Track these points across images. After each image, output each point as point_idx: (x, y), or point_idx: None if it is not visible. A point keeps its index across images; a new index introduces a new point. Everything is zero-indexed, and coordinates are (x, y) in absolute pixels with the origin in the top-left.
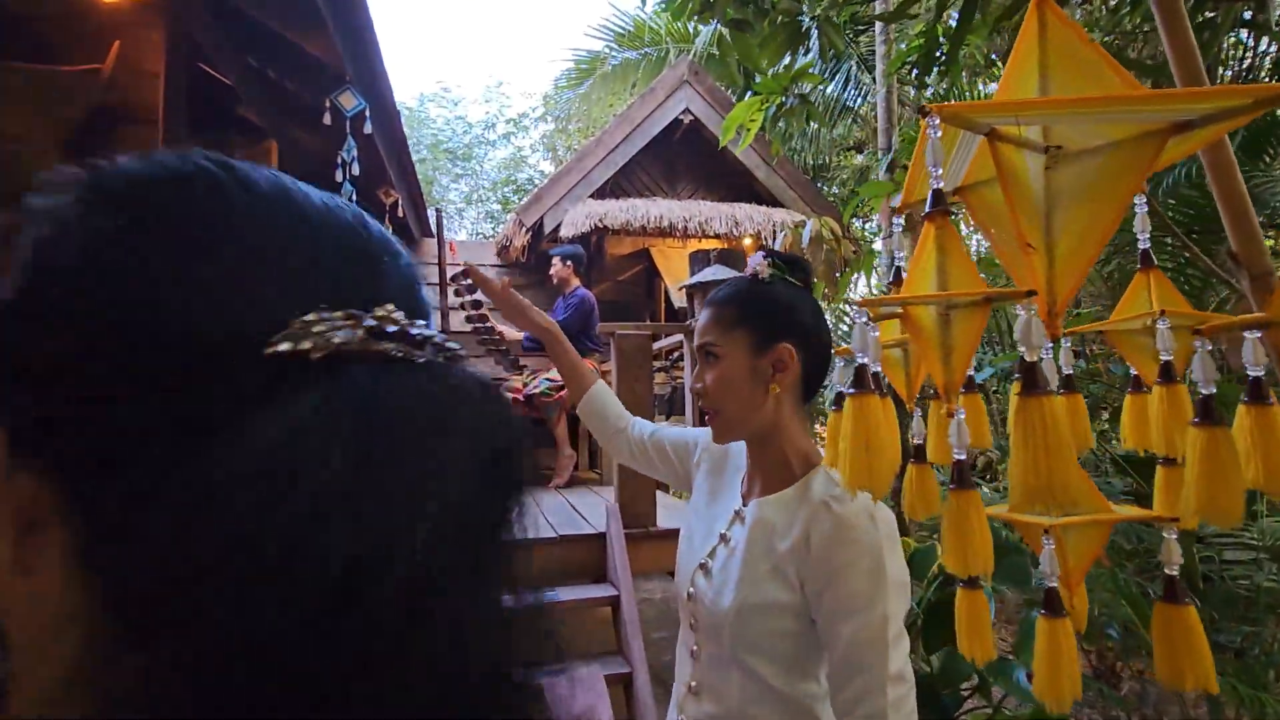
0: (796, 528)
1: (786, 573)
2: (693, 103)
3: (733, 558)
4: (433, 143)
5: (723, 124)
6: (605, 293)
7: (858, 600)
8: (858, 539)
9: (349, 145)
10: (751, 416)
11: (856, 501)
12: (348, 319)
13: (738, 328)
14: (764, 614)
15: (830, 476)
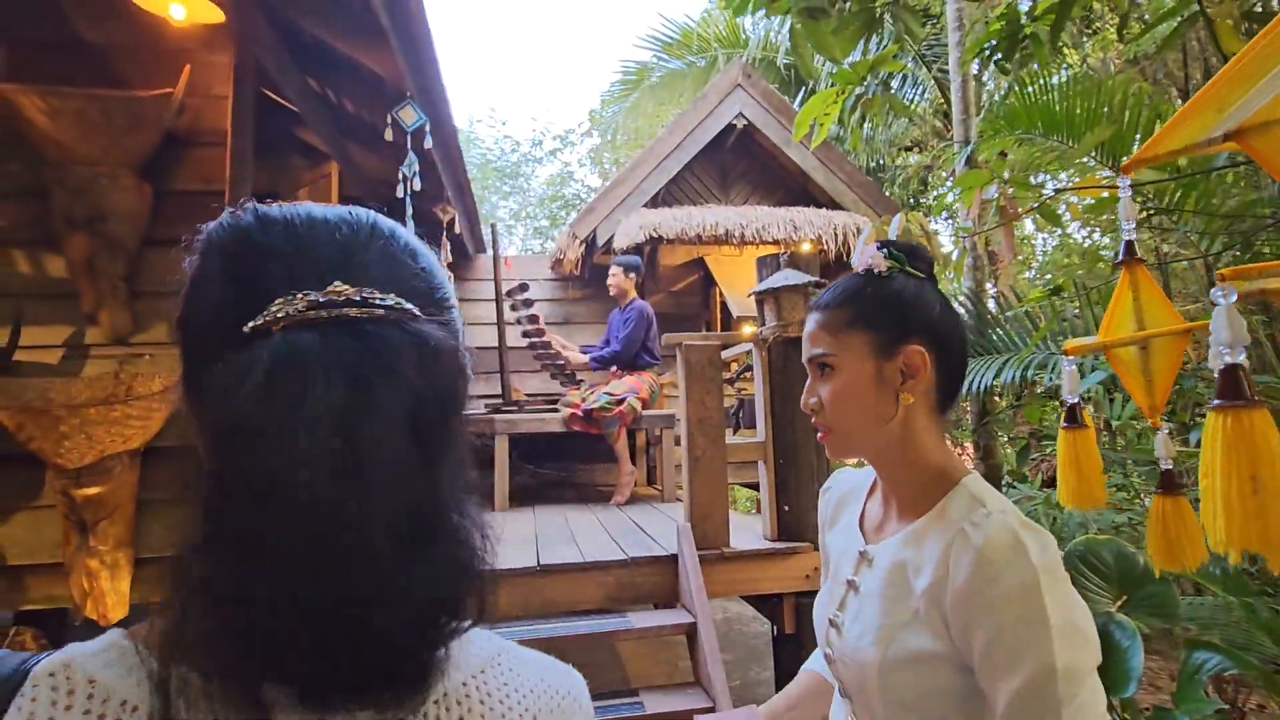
0: (934, 561)
1: (930, 617)
2: (746, 106)
3: (866, 607)
4: (481, 162)
5: (795, 119)
6: (660, 303)
7: (1012, 652)
8: (1000, 574)
9: (410, 160)
10: (878, 433)
11: (1000, 523)
12: (300, 300)
13: (856, 332)
14: (913, 669)
15: (973, 493)
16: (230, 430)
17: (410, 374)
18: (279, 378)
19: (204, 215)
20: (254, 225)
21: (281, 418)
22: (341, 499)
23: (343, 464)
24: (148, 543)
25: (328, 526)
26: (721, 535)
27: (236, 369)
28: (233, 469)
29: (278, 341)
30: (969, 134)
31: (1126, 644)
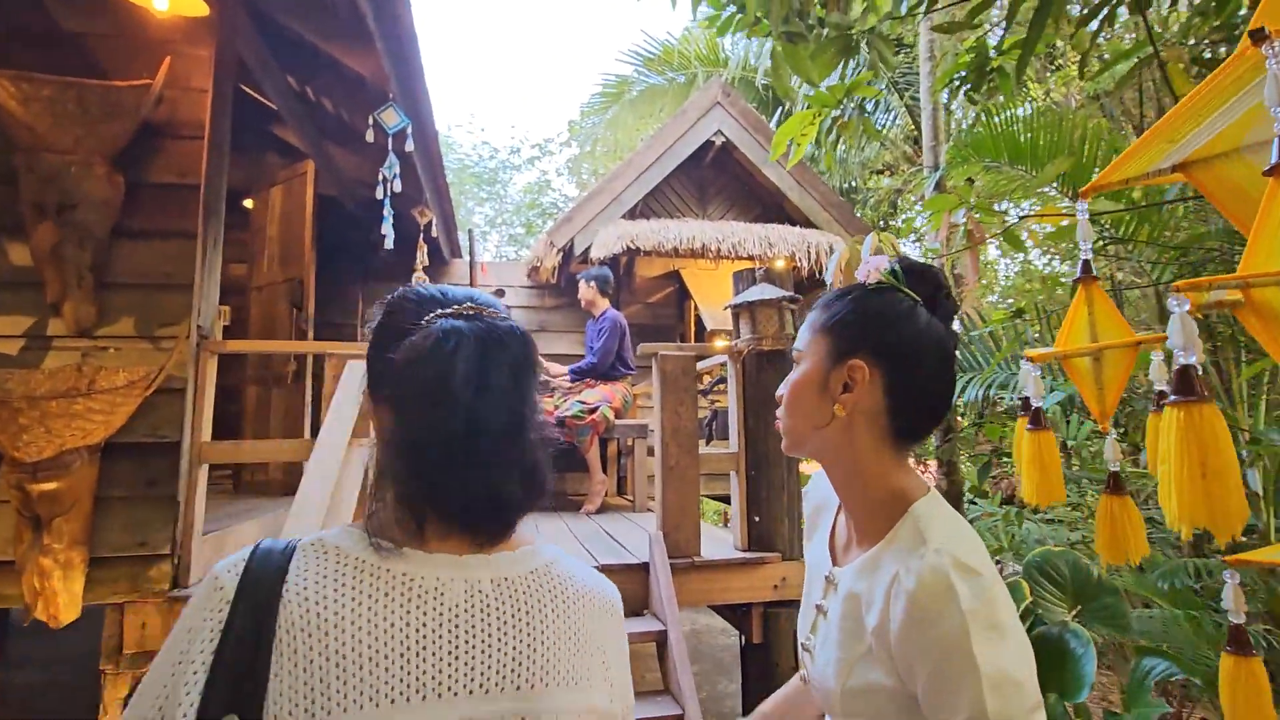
0: (879, 600)
1: (880, 654)
2: (724, 124)
3: (829, 636)
4: (459, 167)
5: (773, 138)
6: (635, 314)
7: (946, 697)
8: (931, 622)
9: (391, 162)
10: (811, 434)
11: (933, 566)
12: (445, 305)
13: (822, 334)
14: (870, 700)
15: (920, 524)
16: (415, 364)
17: (510, 341)
18: (447, 336)
19: (178, 208)
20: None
21: (447, 357)
22: (478, 404)
23: (479, 385)
24: (105, 541)
25: (471, 419)
26: (693, 544)
27: (421, 333)
28: (415, 394)
29: (443, 321)
30: (938, 160)
31: (1080, 652)
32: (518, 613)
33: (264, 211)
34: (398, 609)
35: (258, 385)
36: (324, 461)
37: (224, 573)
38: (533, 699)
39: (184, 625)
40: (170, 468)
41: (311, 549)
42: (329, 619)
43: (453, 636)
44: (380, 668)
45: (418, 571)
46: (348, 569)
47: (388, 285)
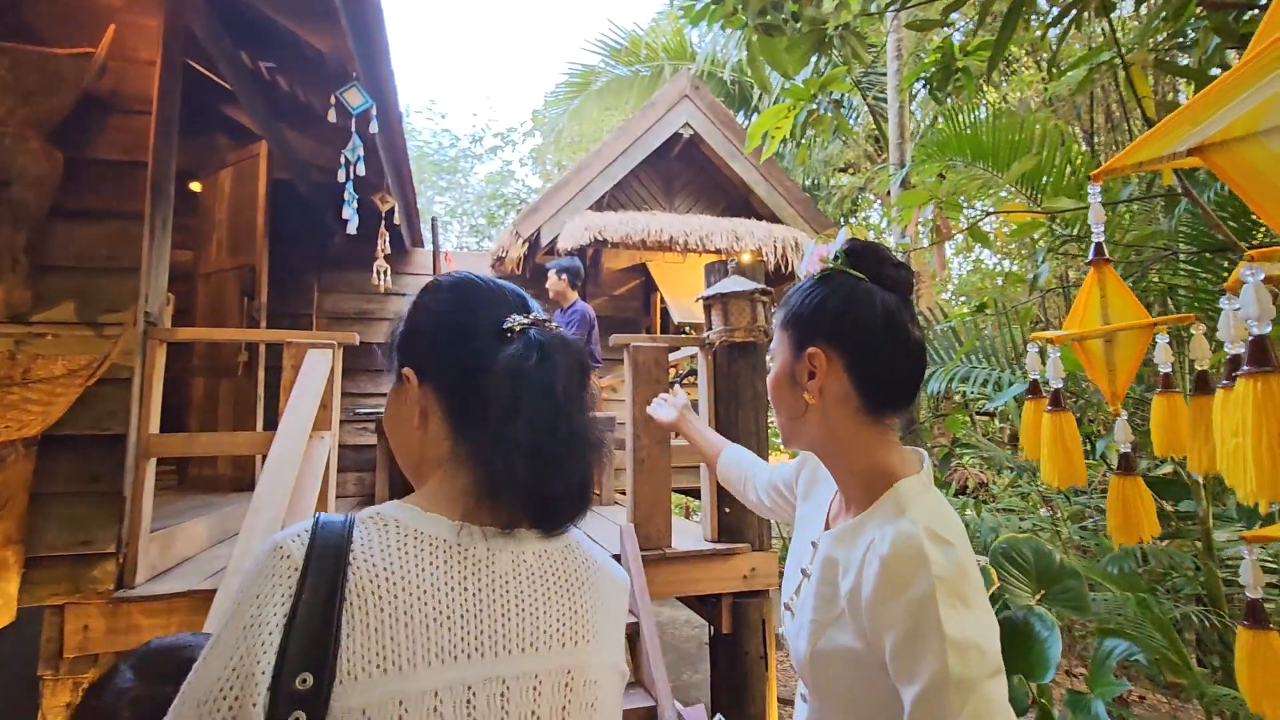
0: (854, 567)
1: (853, 618)
2: (693, 117)
3: (807, 599)
4: (418, 155)
5: (748, 130)
6: (602, 306)
7: (911, 661)
8: (901, 587)
9: (354, 144)
10: (794, 425)
11: (907, 534)
12: (525, 316)
13: (782, 329)
14: (837, 663)
15: (901, 498)
16: (515, 373)
17: (579, 353)
18: (538, 348)
19: (123, 187)
20: (473, 275)
21: (540, 367)
22: (561, 408)
23: (563, 390)
24: (43, 539)
25: (557, 420)
26: (664, 536)
27: (520, 346)
28: (513, 397)
29: (531, 333)
30: (904, 158)
31: (1046, 635)
32: (558, 579)
33: (213, 195)
34: (455, 575)
35: (205, 376)
36: (285, 455)
37: (289, 542)
38: (576, 654)
39: (251, 592)
40: (115, 462)
41: (371, 522)
42: (396, 583)
43: (504, 600)
44: (444, 628)
45: (469, 542)
46: (408, 539)
47: (346, 274)
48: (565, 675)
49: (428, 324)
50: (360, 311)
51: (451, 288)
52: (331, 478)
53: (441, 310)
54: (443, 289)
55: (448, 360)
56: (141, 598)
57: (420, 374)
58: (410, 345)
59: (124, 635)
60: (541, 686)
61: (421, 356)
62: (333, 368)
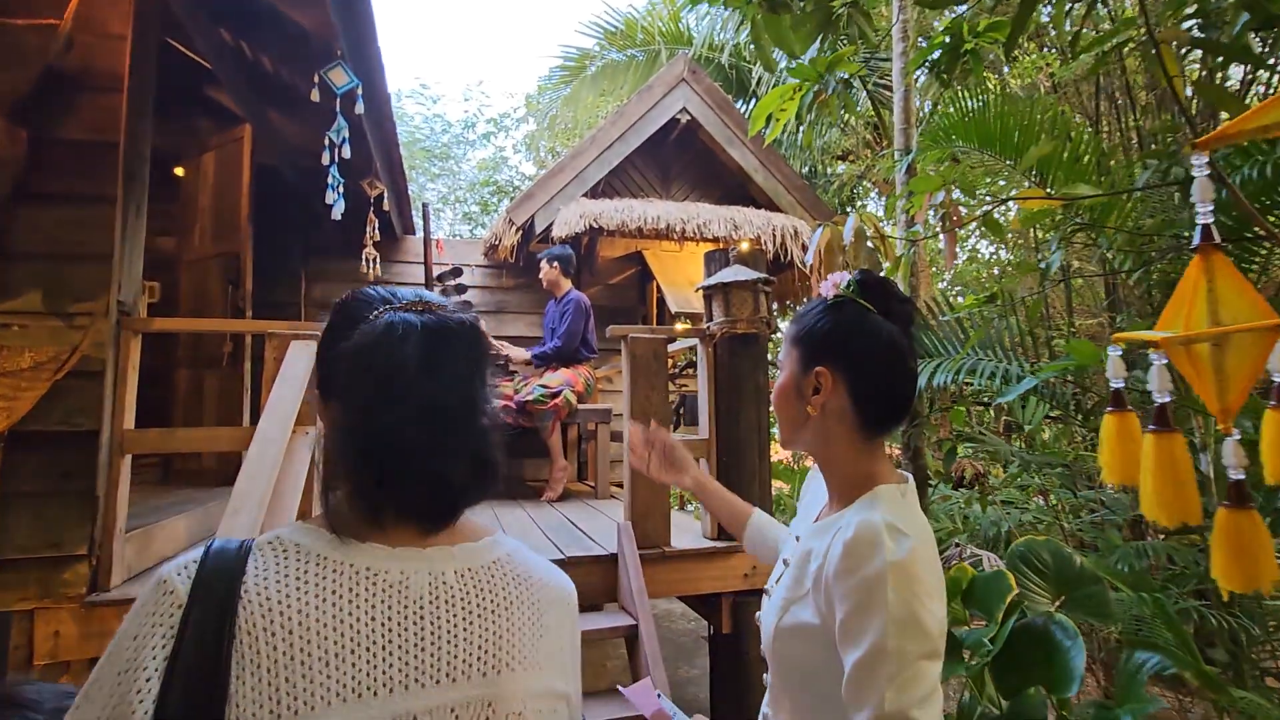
0: (824, 550)
1: (815, 596)
2: (690, 102)
3: (781, 582)
4: (409, 141)
5: (752, 113)
6: (596, 296)
7: (856, 631)
8: (857, 565)
9: (339, 125)
10: (794, 432)
11: (869, 522)
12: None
13: (793, 344)
14: (796, 638)
15: (875, 499)
16: (363, 353)
17: (459, 331)
18: (394, 326)
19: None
20: (368, 288)
21: (395, 344)
22: (427, 391)
23: (427, 371)
24: (11, 541)
25: (421, 405)
26: (662, 534)
27: (369, 325)
28: (364, 382)
29: (391, 314)
30: (910, 143)
31: (1068, 644)
32: (482, 601)
33: (195, 180)
34: (362, 604)
35: (189, 368)
36: (264, 452)
37: (174, 575)
38: (498, 684)
39: (129, 632)
40: (87, 459)
41: (269, 547)
42: (292, 617)
43: (418, 628)
44: (347, 664)
45: (381, 565)
46: (310, 565)
47: (335, 263)
48: (485, 708)
49: (320, 344)
50: None
51: (337, 306)
52: (317, 475)
53: (327, 325)
54: (335, 306)
55: (324, 371)
56: (116, 601)
57: (320, 391)
58: (316, 365)
59: (98, 641)
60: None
61: (319, 375)
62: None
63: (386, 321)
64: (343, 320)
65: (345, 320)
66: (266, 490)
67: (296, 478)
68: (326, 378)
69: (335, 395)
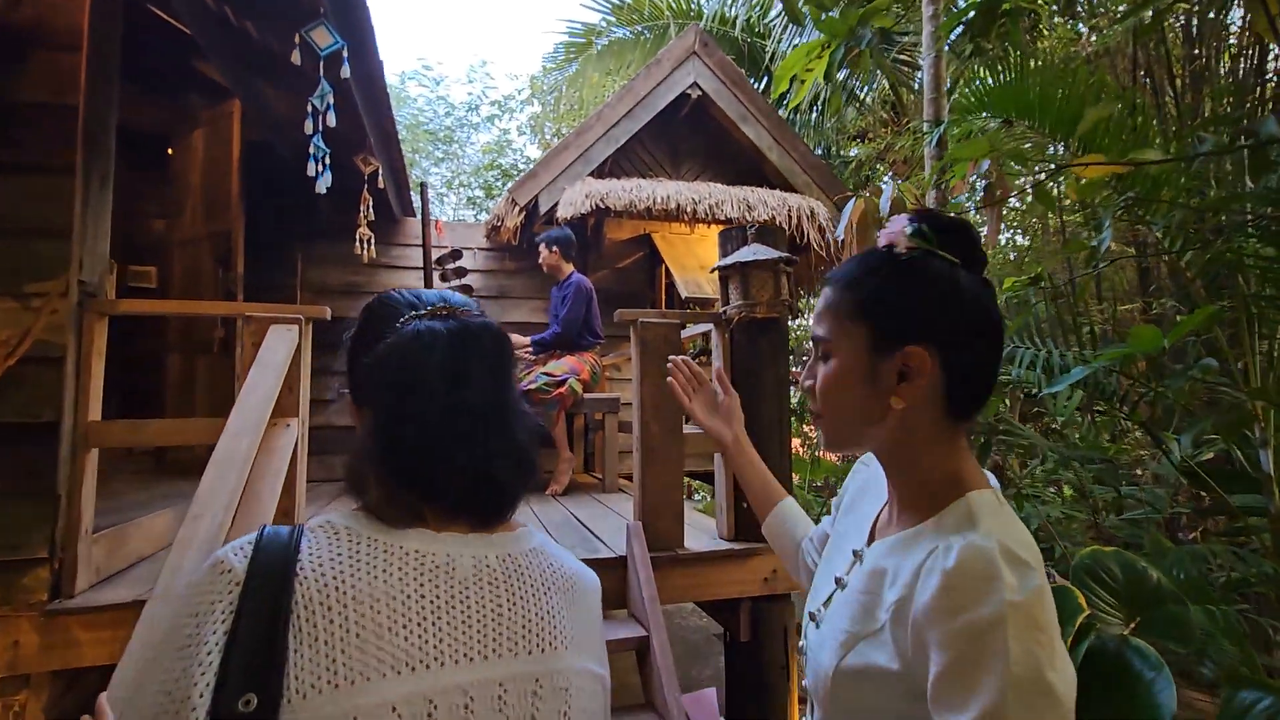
0: (908, 575)
1: (893, 633)
2: (701, 77)
3: (841, 609)
4: (412, 123)
5: (776, 72)
6: (603, 280)
7: (961, 692)
8: (964, 605)
9: (323, 90)
10: (864, 431)
11: (978, 548)
12: (419, 309)
13: (856, 320)
14: (865, 683)
15: (972, 509)
16: (393, 362)
17: (484, 335)
18: (421, 335)
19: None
20: (393, 292)
21: (423, 352)
22: (456, 393)
23: (456, 375)
24: None
25: (451, 406)
26: (675, 535)
27: (396, 335)
28: (395, 389)
29: (418, 323)
30: (940, 113)
31: (1150, 675)
32: (523, 584)
33: (186, 157)
34: (411, 582)
35: (181, 354)
36: (233, 447)
37: (230, 555)
38: (545, 660)
39: (187, 610)
40: (47, 454)
41: (321, 530)
42: (347, 592)
43: (464, 606)
44: (400, 637)
45: (428, 548)
46: (361, 546)
47: (332, 245)
48: (533, 683)
49: (349, 351)
50: (347, 285)
51: (364, 311)
52: (301, 470)
53: (355, 332)
54: (362, 313)
55: (355, 378)
56: (81, 609)
57: (352, 398)
58: (347, 372)
59: (61, 651)
60: (507, 695)
61: (351, 381)
62: (300, 345)
63: (414, 330)
64: (369, 326)
65: (372, 326)
66: (235, 490)
67: (275, 475)
68: (358, 384)
69: (368, 402)
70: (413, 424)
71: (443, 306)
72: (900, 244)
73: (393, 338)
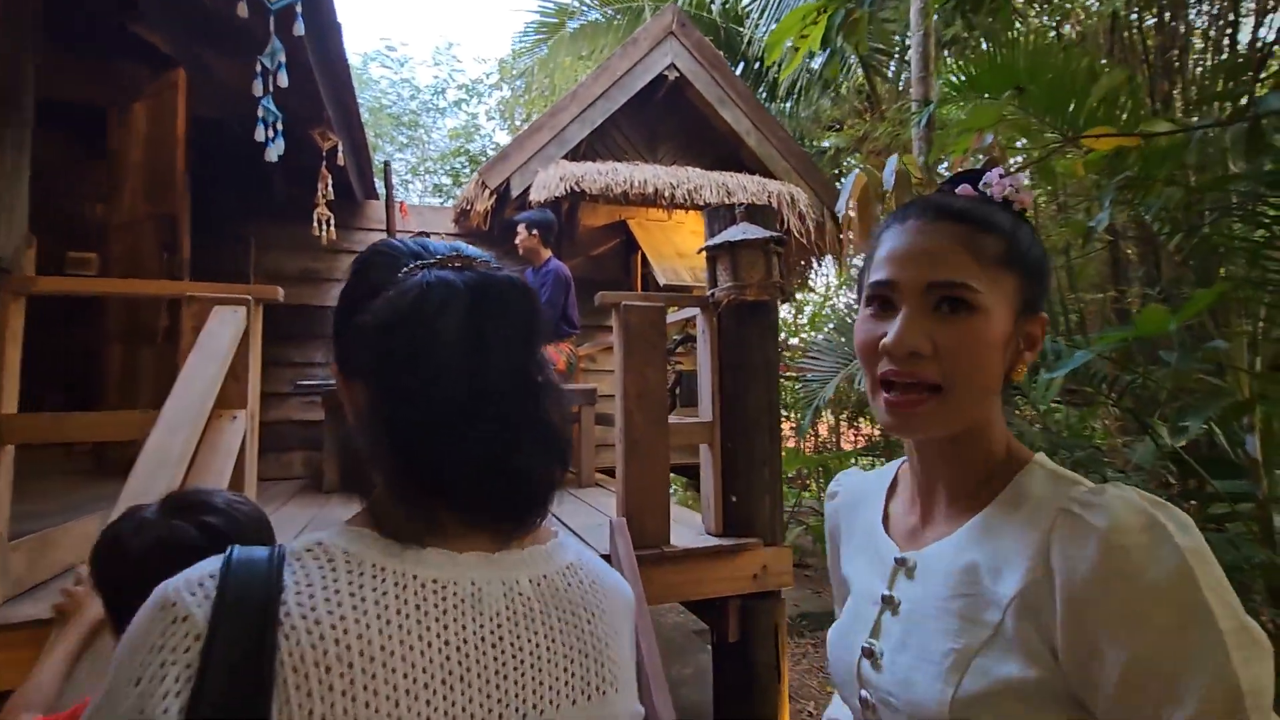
0: (1025, 557)
1: (1022, 634)
2: (679, 57)
3: (918, 629)
4: (376, 106)
5: (767, 40)
6: (577, 268)
7: (1172, 673)
8: (1141, 566)
9: (273, 48)
10: (983, 407)
11: (1124, 499)
12: (426, 259)
13: (1010, 273)
14: (1001, 705)
15: (1054, 470)
16: (394, 325)
17: (510, 294)
18: (431, 289)
19: None
20: (394, 240)
21: (433, 313)
22: (476, 367)
23: (475, 344)
24: None
25: (471, 385)
26: (661, 531)
27: (398, 289)
28: (397, 361)
29: (425, 273)
30: (928, 93)
31: None
32: (563, 615)
33: (125, 133)
34: (433, 624)
35: (123, 344)
36: (167, 445)
37: (184, 595)
38: (597, 709)
39: (127, 676)
40: None
41: (310, 556)
42: (351, 645)
43: (498, 651)
44: (420, 700)
45: (448, 576)
46: (365, 578)
47: (289, 228)
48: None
49: (337, 310)
50: (305, 271)
51: (357, 261)
52: (250, 468)
53: (345, 287)
54: (354, 264)
55: (343, 342)
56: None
57: (339, 367)
58: (335, 336)
59: None
60: None
61: (337, 348)
62: (249, 329)
63: (422, 283)
64: (363, 280)
65: (367, 280)
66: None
67: (218, 475)
68: (347, 352)
69: (361, 375)
70: (420, 404)
71: (455, 256)
72: (1025, 201)
73: (393, 291)
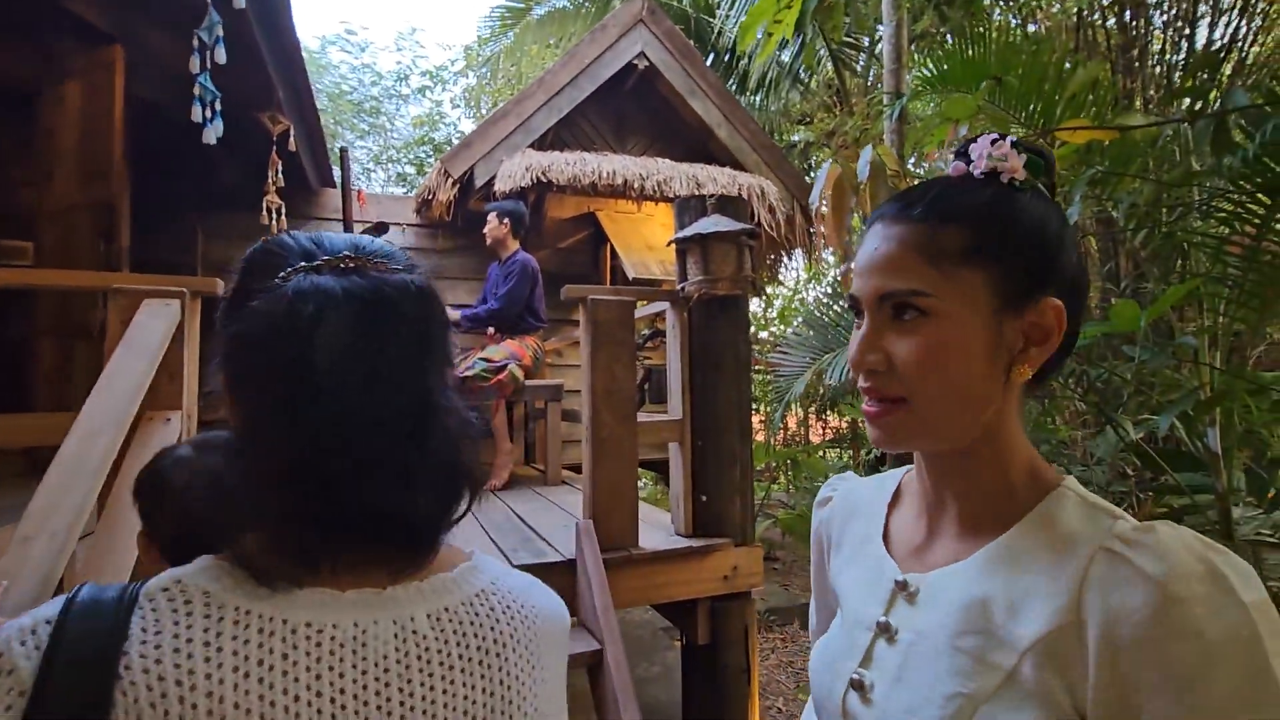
0: (1053, 597)
1: (1042, 682)
2: (649, 46)
3: (916, 664)
4: (335, 93)
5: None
6: (545, 261)
7: None
8: (1200, 623)
9: (210, 20)
10: (972, 419)
11: (1180, 542)
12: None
13: (973, 267)
14: None
15: (1086, 498)
16: (261, 340)
17: (403, 301)
18: (304, 299)
19: None
20: (285, 235)
21: (304, 328)
22: (355, 391)
23: (354, 364)
24: None
25: (348, 412)
26: (629, 533)
27: (270, 298)
28: (264, 381)
29: (301, 279)
30: (900, 85)
31: None
32: (466, 652)
33: (57, 113)
34: (303, 674)
35: (54, 339)
36: (85, 451)
37: (14, 646)
38: None
39: None
40: None
41: (164, 597)
42: (199, 701)
43: (383, 700)
44: None
45: (326, 619)
46: (224, 625)
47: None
48: None
49: (217, 317)
50: None
51: (243, 261)
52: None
53: (231, 289)
54: (239, 263)
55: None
56: None
57: (224, 379)
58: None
59: None
60: None
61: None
62: (183, 324)
63: (293, 292)
64: (243, 282)
65: (250, 283)
66: (84, 504)
67: None
68: (226, 365)
69: (236, 391)
70: (292, 436)
71: (348, 256)
72: (1015, 171)
73: (262, 300)
